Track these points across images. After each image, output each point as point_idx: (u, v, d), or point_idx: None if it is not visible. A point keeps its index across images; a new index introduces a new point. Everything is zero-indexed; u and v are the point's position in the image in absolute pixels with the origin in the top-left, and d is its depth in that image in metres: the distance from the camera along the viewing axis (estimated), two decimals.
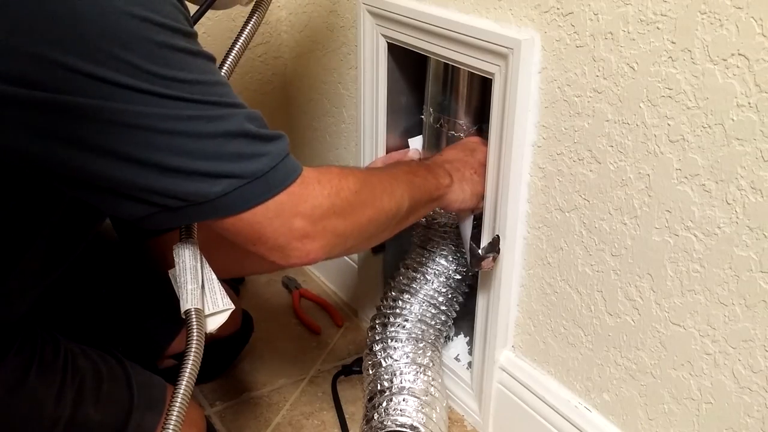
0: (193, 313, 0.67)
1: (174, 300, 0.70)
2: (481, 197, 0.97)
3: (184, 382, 0.64)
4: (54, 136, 0.58)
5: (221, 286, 0.71)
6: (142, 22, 0.57)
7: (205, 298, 0.70)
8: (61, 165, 0.60)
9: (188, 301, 0.68)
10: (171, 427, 0.63)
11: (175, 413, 0.63)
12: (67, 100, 0.56)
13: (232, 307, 0.71)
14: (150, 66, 0.57)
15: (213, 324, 0.70)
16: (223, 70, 0.76)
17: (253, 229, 0.65)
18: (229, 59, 0.78)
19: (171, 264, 0.70)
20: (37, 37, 0.54)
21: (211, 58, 0.64)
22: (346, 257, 1.40)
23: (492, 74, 0.88)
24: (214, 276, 0.72)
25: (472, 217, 1.00)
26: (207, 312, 0.69)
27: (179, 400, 0.64)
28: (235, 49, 0.78)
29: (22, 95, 0.55)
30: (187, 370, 0.65)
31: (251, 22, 0.80)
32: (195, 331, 0.67)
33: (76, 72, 0.55)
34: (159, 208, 0.62)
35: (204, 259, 0.72)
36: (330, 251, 0.71)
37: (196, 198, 0.62)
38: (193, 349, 0.66)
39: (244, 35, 0.79)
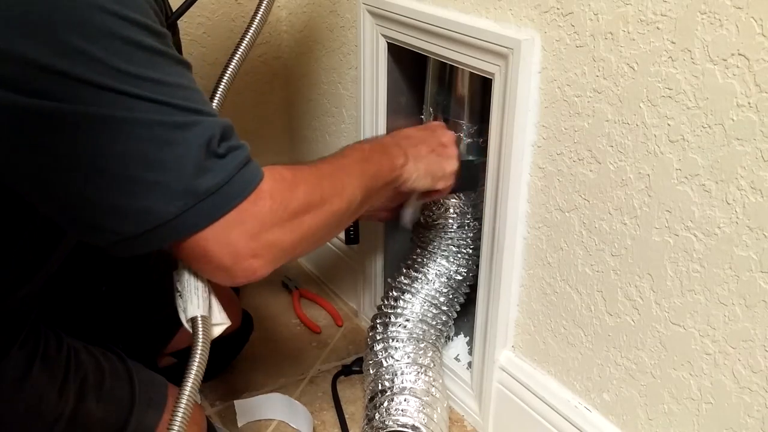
0: (199, 320, 0.68)
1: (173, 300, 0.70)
2: (439, 178, 0.96)
3: (189, 384, 0.64)
4: (17, 141, 0.56)
5: (218, 302, 0.71)
6: (111, 16, 0.55)
7: (212, 306, 0.70)
8: (21, 176, 0.59)
9: (199, 307, 0.68)
10: (176, 427, 0.63)
11: (180, 414, 0.63)
12: (25, 101, 0.54)
13: (228, 322, 0.71)
14: (115, 62, 0.56)
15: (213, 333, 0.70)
16: (228, 72, 0.76)
17: (198, 247, 0.63)
18: (234, 61, 0.78)
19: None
20: (9, 30, 0.53)
21: (181, 62, 0.62)
22: (346, 257, 1.40)
23: (492, 74, 0.88)
24: (212, 292, 0.72)
25: (420, 204, 1.00)
26: (213, 321, 0.70)
27: (184, 401, 0.64)
28: (240, 50, 0.78)
29: None
30: (193, 371, 0.65)
31: (255, 23, 0.80)
32: (201, 334, 0.67)
33: (38, 67, 0.53)
34: (116, 237, 0.61)
35: None
36: (276, 265, 0.69)
37: (151, 221, 0.60)
38: (198, 351, 0.66)
39: (248, 36, 0.79)
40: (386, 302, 1.13)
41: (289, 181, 0.70)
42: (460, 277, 1.12)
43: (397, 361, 1.06)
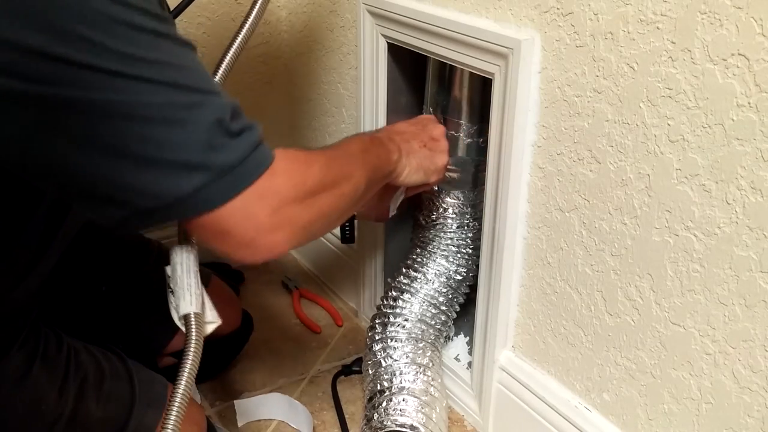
0: (192, 317, 0.67)
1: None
2: (432, 172, 0.98)
3: (183, 381, 0.64)
4: (24, 126, 0.56)
5: (210, 300, 0.71)
6: (109, 1, 0.55)
7: (204, 304, 0.70)
8: (33, 159, 0.58)
9: (192, 304, 0.68)
10: (170, 426, 0.63)
11: (174, 412, 0.63)
12: (32, 89, 0.54)
13: (219, 321, 0.71)
14: (119, 46, 0.55)
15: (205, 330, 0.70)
16: (222, 68, 0.76)
17: (219, 223, 0.63)
18: (228, 57, 0.78)
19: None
20: (7, 18, 0.52)
21: (185, 43, 0.62)
22: (345, 257, 1.40)
23: (492, 74, 0.88)
24: (204, 289, 0.71)
25: (402, 193, 1.02)
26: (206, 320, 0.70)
27: (178, 399, 0.64)
28: (234, 46, 0.78)
29: None
30: (186, 368, 0.65)
31: (250, 20, 0.80)
32: (194, 332, 0.67)
33: (43, 55, 0.53)
34: (131, 211, 0.61)
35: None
36: (296, 241, 0.70)
37: (168, 196, 0.60)
38: (192, 348, 0.66)
39: (242, 33, 0.79)
40: (385, 302, 1.13)
41: (303, 160, 0.71)
42: (460, 277, 1.12)
43: (396, 361, 1.06)
